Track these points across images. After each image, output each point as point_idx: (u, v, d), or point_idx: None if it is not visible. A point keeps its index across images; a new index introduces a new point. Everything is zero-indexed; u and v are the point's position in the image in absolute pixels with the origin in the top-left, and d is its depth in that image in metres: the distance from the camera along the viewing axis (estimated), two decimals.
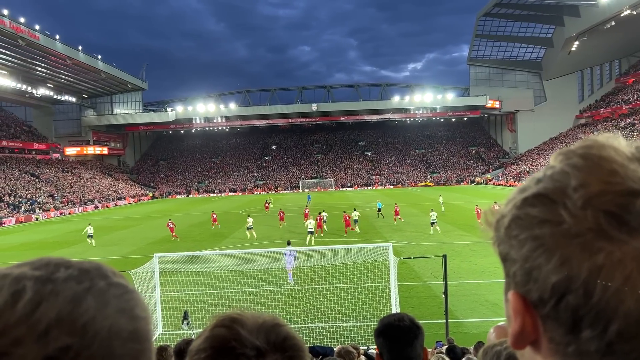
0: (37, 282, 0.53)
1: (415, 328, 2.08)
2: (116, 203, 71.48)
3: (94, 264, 0.60)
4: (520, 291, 0.53)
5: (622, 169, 0.49)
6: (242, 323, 0.75)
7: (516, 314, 0.53)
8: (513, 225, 0.54)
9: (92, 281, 0.56)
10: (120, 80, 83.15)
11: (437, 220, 29.97)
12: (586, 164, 0.50)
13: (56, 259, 0.58)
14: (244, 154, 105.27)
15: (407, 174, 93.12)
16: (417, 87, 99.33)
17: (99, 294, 0.55)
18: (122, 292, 0.58)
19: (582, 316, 0.47)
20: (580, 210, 0.48)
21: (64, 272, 0.55)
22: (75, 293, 0.53)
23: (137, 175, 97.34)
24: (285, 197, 73.25)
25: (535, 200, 0.52)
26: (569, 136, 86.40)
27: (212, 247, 26.23)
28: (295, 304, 15.15)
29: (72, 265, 0.58)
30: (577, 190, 0.49)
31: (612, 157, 0.50)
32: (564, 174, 0.51)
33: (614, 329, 0.46)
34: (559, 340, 0.50)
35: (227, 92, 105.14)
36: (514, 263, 0.54)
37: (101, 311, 0.54)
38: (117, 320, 0.54)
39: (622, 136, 0.51)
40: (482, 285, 17.39)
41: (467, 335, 12.24)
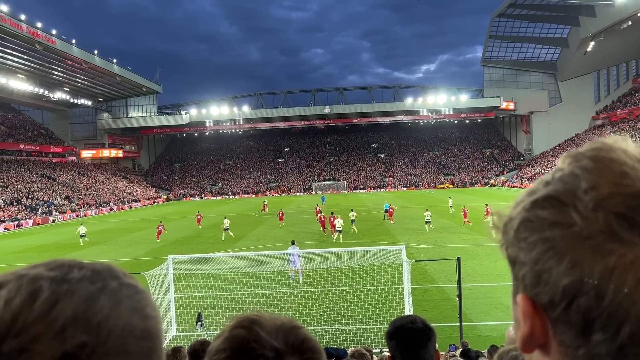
0: (52, 282, 0.55)
1: (427, 330, 2.07)
2: (131, 205, 72.18)
3: (106, 266, 0.62)
4: (530, 294, 0.53)
5: (632, 171, 0.49)
6: (261, 324, 0.76)
7: (525, 317, 0.53)
8: (522, 227, 0.54)
9: (105, 281, 0.58)
10: (135, 83, 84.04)
11: (431, 220, 32.04)
12: (596, 166, 0.50)
13: (69, 260, 0.60)
14: (257, 157, 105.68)
15: (420, 176, 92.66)
16: (430, 89, 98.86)
17: (111, 293, 0.57)
18: (134, 292, 0.60)
19: (593, 319, 0.47)
20: (592, 212, 0.48)
21: (78, 273, 0.58)
22: (90, 293, 0.56)
23: (152, 177, 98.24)
24: (298, 199, 73.35)
25: (545, 202, 0.52)
26: (584, 137, 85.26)
27: (226, 249, 26.36)
28: (309, 306, 15.16)
29: (85, 267, 0.60)
30: (588, 192, 0.49)
31: (622, 159, 0.50)
32: (574, 176, 0.51)
33: (627, 332, 0.45)
34: (569, 344, 0.50)
35: (240, 95, 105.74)
36: (523, 266, 0.54)
37: (115, 310, 0.56)
38: (130, 319, 0.57)
39: (631, 138, 0.51)
40: (497, 288, 17.23)
41: (480, 339, 12.15)
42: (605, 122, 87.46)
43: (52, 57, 62.32)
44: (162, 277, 14.13)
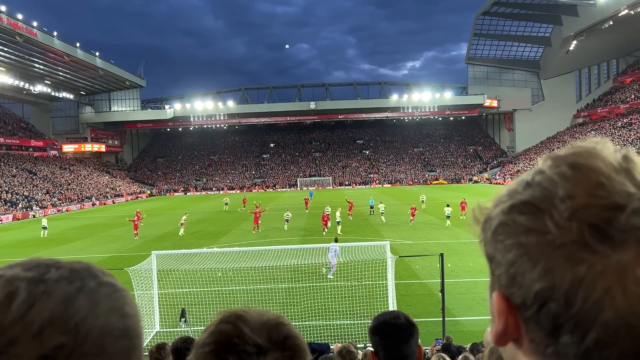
0: (29, 283, 0.55)
1: (410, 326, 2.08)
2: (114, 200, 71.39)
3: (84, 264, 0.61)
4: (505, 293, 0.55)
5: (608, 182, 0.50)
6: (245, 320, 0.77)
7: (500, 314, 0.55)
8: (500, 229, 0.55)
9: (83, 281, 0.58)
10: (118, 77, 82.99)
11: (384, 211, 35.77)
12: (574, 175, 0.51)
13: (47, 259, 0.59)
14: (242, 152, 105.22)
15: (405, 172, 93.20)
16: (415, 86, 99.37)
17: (90, 293, 0.57)
18: (112, 291, 0.59)
19: (562, 323, 0.49)
20: (566, 221, 0.49)
21: (55, 273, 0.57)
22: (67, 293, 0.55)
23: (135, 172, 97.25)
24: (283, 195, 73.27)
25: (523, 207, 0.53)
26: (566, 135, 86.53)
27: (210, 244, 26.25)
28: (293, 302, 15.18)
29: (63, 266, 0.59)
30: (564, 201, 0.50)
31: (599, 168, 0.51)
32: (552, 182, 0.52)
33: (592, 337, 0.47)
34: (539, 342, 0.52)
35: (225, 90, 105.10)
36: (499, 266, 0.55)
37: (93, 310, 0.55)
38: (108, 319, 0.56)
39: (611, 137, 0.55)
40: (479, 284, 17.45)
41: (463, 334, 12.30)
42: (586, 121, 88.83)
43: (32, 50, 61.22)
44: (145, 273, 14.02)
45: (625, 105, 79.21)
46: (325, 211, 32.73)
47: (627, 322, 0.46)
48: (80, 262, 0.61)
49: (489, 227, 0.57)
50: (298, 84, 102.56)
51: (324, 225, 30.58)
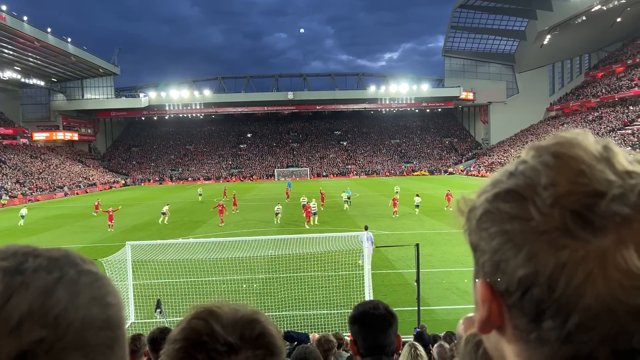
0: (6, 274, 0.52)
1: (389, 316, 2.11)
2: (87, 190, 70.03)
3: (63, 252, 0.58)
4: (489, 280, 0.55)
5: (589, 170, 0.51)
6: (218, 317, 0.75)
7: (484, 301, 0.56)
8: (484, 218, 0.56)
9: (62, 270, 0.55)
10: (91, 64, 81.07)
11: (349, 200, 37.50)
12: (556, 163, 0.52)
13: (24, 247, 0.56)
14: (218, 142, 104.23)
15: (382, 163, 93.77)
16: (392, 78, 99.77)
17: (69, 283, 0.54)
18: (93, 279, 0.57)
19: (544, 308, 0.50)
20: (549, 208, 0.50)
21: (33, 262, 0.54)
22: (46, 284, 0.52)
23: (109, 162, 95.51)
24: (260, 185, 73.00)
25: (507, 195, 0.54)
26: (539, 128, 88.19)
27: (186, 235, 26.03)
28: (270, 292, 15.21)
29: (41, 254, 0.56)
30: (547, 188, 0.51)
31: (580, 157, 0.52)
32: (535, 170, 0.53)
33: (574, 322, 0.48)
34: (522, 328, 0.53)
35: (201, 79, 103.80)
36: (483, 254, 0.56)
37: (73, 301, 0.53)
38: (89, 310, 0.54)
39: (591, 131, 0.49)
40: (453, 274, 17.74)
41: (438, 322, 12.52)
42: (559, 114, 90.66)
43: (1, 34, 59.27)
44: (120, 263, 13.85)
45: (596, 99, 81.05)
46: (303, 202, 32.83)
47: (607, 306, 0.47)
48: (59, 250, 0.59)
49: (474, 216, 0.58)
50: (276, 74, 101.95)
51: (307, 217, 30.18)
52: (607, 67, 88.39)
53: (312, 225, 29.30)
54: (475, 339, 1.28)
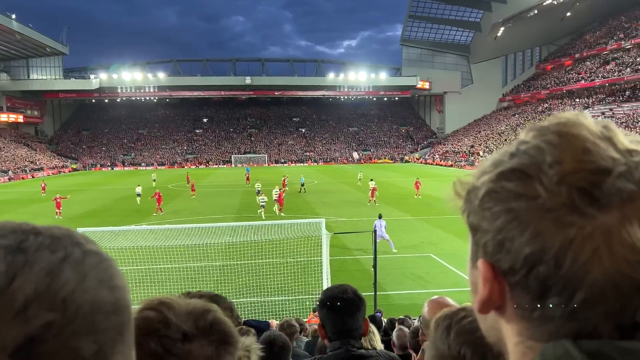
0: (7, 252, 0.47)
1: (357, 300, 2.13)
2: (33, 175, 67.04)
3: (64, 230, 0.54)
4: (490, 260, 0.55)
5: (594, 147, 0.51)
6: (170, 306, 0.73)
7: (485, 281, 0.55)
8: (487, 197, 0.55)
9: (66, 249, 0.50)
10: (37, 43, 77.15)
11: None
12: (561, 141, 0.53)
13: (22, 224, 0.52)
14: (173, 127, 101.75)
15: (340, 151, 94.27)
16: (351, 65, 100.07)
17: (75, 264, 0.49)
18: (98, 260, 0.52)
19: (550, 285, 0.50)
20: (556, 186, 0.50)
21: (35, 240, 0.49)
22: (51, 264, 0.48)
23: (57, 145, 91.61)
24: (216, 171, 71.97)
25: (511, 174, 0.54)
26: (491, 118, 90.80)
27: (139, 222, 25.39)
28: (227, 280, 15.08)
29: (41, 232, 0.51)
30: (553, 166, 0.51)
31: (585, 136, 0.52)
32: (539, 149, 0.53)
33: (580, 297, 0.49)
34: (525, 306, 0.53)
35: (156, 61, 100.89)
36: (485, 233, 0.56)
37: (81, 283, 0.48)
38: (98, 293, 0.50)
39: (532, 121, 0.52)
40: (409, 259, 18.13)
41: (393, 307, 12.78)
42: (510, 105, 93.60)
43: None
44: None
45: (546, 91, 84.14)
46: (258, 187, 32.77)
47: (613, 281, 0.48)
48: (60, 228, 0.54)
49: (475, 196, 0.58)
50: (233, 58, 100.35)
51: (280, 205, 29.23)
52: (556, 60, 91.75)
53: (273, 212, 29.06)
54: (445, 323, 1.30)
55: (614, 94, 69.18)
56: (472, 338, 1.20)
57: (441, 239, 21.11)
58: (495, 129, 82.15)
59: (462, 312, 1.24)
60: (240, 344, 0.79)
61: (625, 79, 67.67)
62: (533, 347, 0.54)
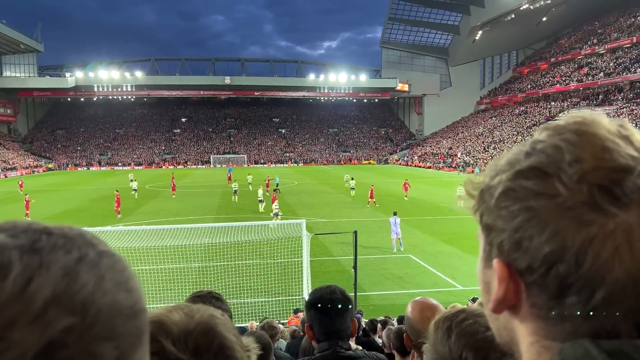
0: (22, 252, 0.44)
1: (345, 300, 2.12)
2: (6, 174, 65.45)
3: (76, 230, 0.52)
4: (506, 259, 0.55)
5: (614, 146, 0.51)
6: (168, 331, 0.67)
7: (501, 280, 0.55)
8: (504, 196, 0.55)
9: (81, 250, 0.48)
10: (10, 39, 75.35)
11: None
12: (580, 140, 0.53)
13: (33, 223, 0.49)
14: (151, 126, 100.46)
15: (320, 152, 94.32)
16: (331, 67, 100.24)
17: (92, 265, 0.47)
18: (113, 262, 0.50)
19: (570, 284, 0.50)
20: (576, 184, 0.50)
21: (48, 240, 0.47)
22: (67, 265, 0.45)
23: (31, 144, 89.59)
24: (195, 172, 71.29)
25: (529, 173, 0.54)
26: (469, 120, 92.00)
27: (115, 223, 24.98)
28: (206, 281, 14.92)
29: (53, 232, 0.49)
30: (572, 165, 0.51)
31: (603, 134, 0.52)
32: (557, 148, 0.53)
33: (600, 296, 0.49)
34: (542, 305, 0.53)
35: (133, 60, 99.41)
36: (501, 232, 0.55)
37: (99, 285, 0.46)
38: (116, 296, 0.47)
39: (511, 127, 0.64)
40: (388, 260, 18.21)
41: (374, 307, 12.80)
42: (488, 107, 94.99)
43: None
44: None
45: (522, 94, 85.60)
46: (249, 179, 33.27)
47: (634, 279, 0.48)
48: (72, 228, 0.52)
49: (489, 195, 0.57)
50: (212, 57, 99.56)
51: None
52: (532, 64, 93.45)
53: (259, 212, 29.19)
54: (445, 325, 1.29)
55: (588, 98, 70.76)
56: (473, 341, 1.18)
57: (420, 240, 21.27)
58: (473, 131, 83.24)
59: (462, 314, 1.24)
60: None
61: (599, 83, 69.26)
62: (549, 347, 0.53)
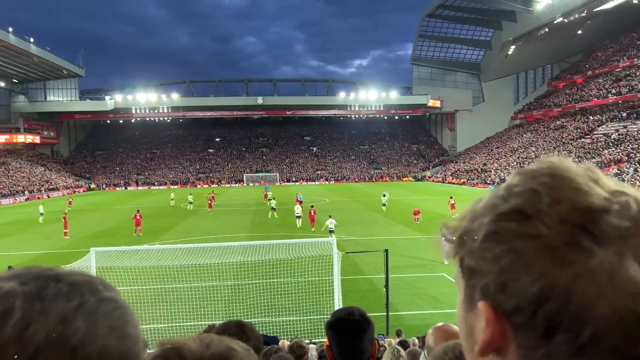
0: (25, 299, 0.50)
1: (364, 322, 2.13)
2: (49, 194, 67.95)
3: (86, 277, 0.57)
4: (492, 301, 0.55)
5: (587, 188, 0.54)
6: (183, 358, 0.68)
7: (488, 323, 0.55)
8: (487, 239, 0.56)
9: (82, 298, 0.53)
10: (54, 65, 78.86)
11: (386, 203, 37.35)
12: (555, 183, 0.55)
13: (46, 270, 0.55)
14: (186, 146, 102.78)
15: (351, 169, 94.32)
16: (362, 84, 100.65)
17: (89, 312, 0.52)
18: (113, 308, 0.55)
19: (558, 322, 0.51)
20: (557, 224, 0.52)
21: (54, 288, 0.52)
22: (65, 312, 0.51)
23: (72, 165, 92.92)
24: (229, 190, 72.32)
25: (511, 215, 0.55)
26: (504, 136, 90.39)
27: (152, 241, 25.54)
28: (238, 299, 15.06)
29: (62, 279, 0.54)
30: (552, 206, 0.53)
31: (576, 178, 0.55)
32: (535, 191, 0.55)
33: (588, 333, 0.49)
34: (529, 346, 0.53)
35: (169, 82, 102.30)
36: (485, 276, 0.56)
37: (91, 331, 0.51)
38: (107, 342, 0.52)
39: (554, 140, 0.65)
40: (421, 279, 17.97)
41: (406, 327, 12.63)
42: (522, 122, 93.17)
43: None
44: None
45: (558, 109, 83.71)
46: None
47: (619, 315, 0.49)
48: (83, 274, 0.57)
49: (471, 239, 0.58)
50: (245, 79, 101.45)
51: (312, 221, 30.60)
52: (568, 78, 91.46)
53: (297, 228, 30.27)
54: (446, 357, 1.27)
55: (627, 111, 68.62)
56: None
57: None
58: (508, 146, 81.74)
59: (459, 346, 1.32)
60: None
61: (639, 96, 67.16)
62: None
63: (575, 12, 70.06)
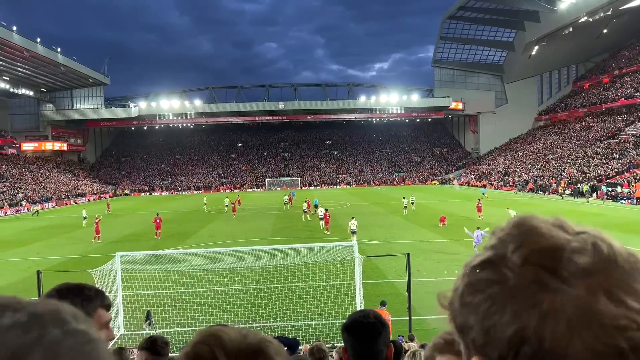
0: None
1: (379, 325, 2.13)
2: (76, 200, 69.43)
3: (52, 306, 0.49)
4: (482, 354, 0.57)
5: (547, 231, 0.58)
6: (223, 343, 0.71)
7: None
8: (466, 292, 0.60)
9: (44, 329, 0.45)
10: (80, 74, 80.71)
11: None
12: (519, 231, 0.60)
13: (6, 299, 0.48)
14: (209, 151, 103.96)
15: (372, 173, 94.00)
16: (382, 88, 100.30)
17: (49, 345, 0.45)
18: (81, 342, 0.47)
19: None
20: (521, 267, 0.56)
21: (10, 318, 0.45)
22: (20, 345, 0.44)
23: (98, 171, 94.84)
24: (251, 195, 72.84)
25: (482, 266, 0.60)
26: (528, 137, 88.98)
27: (176, 246, 25.87)
28: (261, 303, 15.15)
29: (22, 309, 0.47)
30: (515, 251, 0.58)
31: (539, 225, 0.60)
32: (502, 242, 0.60)
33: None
34: None
35: (191, 89, 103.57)
36: (471, 329, 0.59)
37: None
38: None
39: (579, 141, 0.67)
40: (444, 283, 17.76)
41: (429, 332, 12.52)
42: (547, 123, 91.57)
43: None
44: (109, 275, 13.75)
45: (584, 109, 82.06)
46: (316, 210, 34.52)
47: (594, 350, 0.49)
48: (48, 303, 0.49)
49: (456, 295, 0.62)
50: (266, 84, 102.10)
51: (327, 224, 31.64)
52: (594, 78, 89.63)
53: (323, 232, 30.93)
54: None
55: None
56: None
57: None
58: (532, 148, 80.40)
59: None
60: None
61: None
62: None
63: (601, 10, 68.61)
